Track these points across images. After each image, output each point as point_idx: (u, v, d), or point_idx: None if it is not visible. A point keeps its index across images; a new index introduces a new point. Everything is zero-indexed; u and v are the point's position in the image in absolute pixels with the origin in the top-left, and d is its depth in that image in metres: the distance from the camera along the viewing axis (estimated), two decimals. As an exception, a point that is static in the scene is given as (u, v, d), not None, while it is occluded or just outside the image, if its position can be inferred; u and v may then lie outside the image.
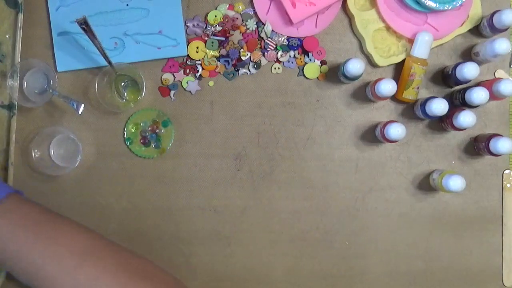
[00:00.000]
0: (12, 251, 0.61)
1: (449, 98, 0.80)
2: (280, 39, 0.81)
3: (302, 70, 0.81)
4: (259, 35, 0.81)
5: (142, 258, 0.65)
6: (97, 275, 0.59)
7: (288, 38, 0.81)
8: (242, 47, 0.80)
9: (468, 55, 0.82)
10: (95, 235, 0.65)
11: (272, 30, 0.80)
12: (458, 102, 0.78)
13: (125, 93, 0.80)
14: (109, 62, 0.76)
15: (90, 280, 0.59)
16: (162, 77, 0.81)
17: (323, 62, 0.81)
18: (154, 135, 0.80)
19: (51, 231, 0.62)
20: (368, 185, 0.81)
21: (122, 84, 0.80)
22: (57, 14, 0.80)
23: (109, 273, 0.60)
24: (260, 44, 0.81)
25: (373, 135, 0.81)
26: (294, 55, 0.81)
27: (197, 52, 0.80)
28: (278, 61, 0.81)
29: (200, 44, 0.80)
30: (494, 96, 0.75)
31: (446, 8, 0.77)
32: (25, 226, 0.62)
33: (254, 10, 0.81)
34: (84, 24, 0.72)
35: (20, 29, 0.79)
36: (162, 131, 0.80)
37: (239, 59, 0.80)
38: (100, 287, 0.59)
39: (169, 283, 0.63)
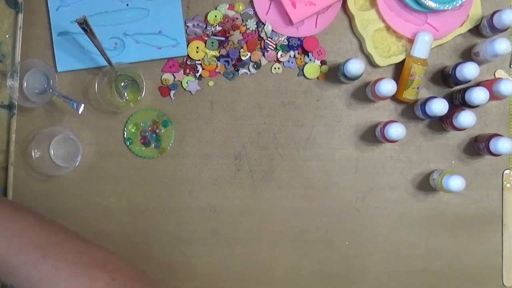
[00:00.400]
0: None
1: (449, 98, 0.80)
2: (280, 39, 0.81)
3: (302, 70, 0.81)
4: (259, 35, 0.81)
5: (104, 250, 0.67)
6: (58, 266, 0.61)
7: (288, 38, 0.81)
8: (242, 47, 0.80)
9: (468, 55, 0.82)
10: (58, 229, 0.67)
11: (272, 30, 0.80)
12: (458, 102, 0.78)
13: (125, 93, 0.80)
14: (109, 62, 0.76)
15: (53, 271, 0.61)
16: (162, 77, 0.81)
17: (323, 62, 0.81)
18: (154, 135, 0.80)
19: (16, 225, 0.64)
20: (368, 185, 0.81)
21: (122, 84, 0.80)
22: (57, 14, 0.80)
23: (70, 264, 0.62)
24: (260, 44, 0.81)
25: (373, 135, 0.81)
26: (294, 55, 0.81)
27: (197, 52, 0.80)
28: (278, 61, 0.81)
29: (200, 44, 0.80)
30: (494, 96, 0.75)
31: (446, 8, 0.77)
32: None
33: (254, 10, 0.81)
34: (84, 24, 0.72)
35: (20, 29, 0.79)
36: (162, 131, 0.80)
37: (239, 59, 0.80)
38: (61, 277, 0.61)
39: (129, 273, 0.64)
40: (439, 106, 0.73)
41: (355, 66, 0.74)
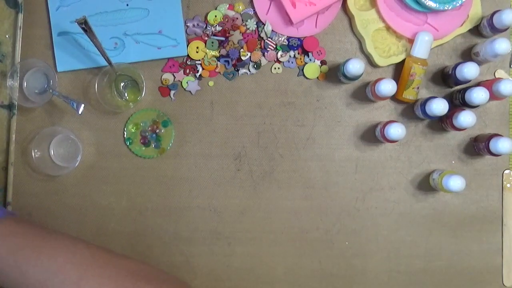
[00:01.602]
0: (15, 273, 0.61)
1: (449, 98, 0.80)
2: (280, 39, 0.81)
3: (302, 70, 0.81)
4: (259, 35, 0.81)
5: (142, 263, 0.66)
6: (100, 283, 0.59)
7: (288, 38, 0.81)
8: (242, 47, 0.80)
9: (468, 55, 0.82)
10: (92, 245, 0.66)
11: (272, 30, 0.80)
12: (458, 102, 0.78)
13: (125, 93, 0.80)
14: (109, 62, 0.76)
15: None
16: (162, 77, 0.81)
17: (323, 62, 0.81)
18: (154, 135, 0.80)
19: (50, 247, 0.63)
20: (368, 185, 0.81)
21: (122, 84, 0.80)
22: (57, 14, 0.80)
23: (112, 280, 0.60)
24: (260, 44, 0.81)
25: (373, 135, 0.81)
26: (294, 55, 0.81)
27: (197, 52, 0.80)
28: (278, 61, 0.81)
29: (200, 44, 0.80)
30: (494, 96, 0.75)
31: (446, 8, 0.77)
32: (25, 246, 0.62)
33: (254, 10, 0.81)
34: (84, 24, 0.72)
35: (20, 29, 0.79)
36: (162, 131, 0.80)
37: (239, 59, 0.80)
38: None
39: (174, 283, 0.63)
40: (439, 106, 0.73)
41: (355, 66, 0.74)
